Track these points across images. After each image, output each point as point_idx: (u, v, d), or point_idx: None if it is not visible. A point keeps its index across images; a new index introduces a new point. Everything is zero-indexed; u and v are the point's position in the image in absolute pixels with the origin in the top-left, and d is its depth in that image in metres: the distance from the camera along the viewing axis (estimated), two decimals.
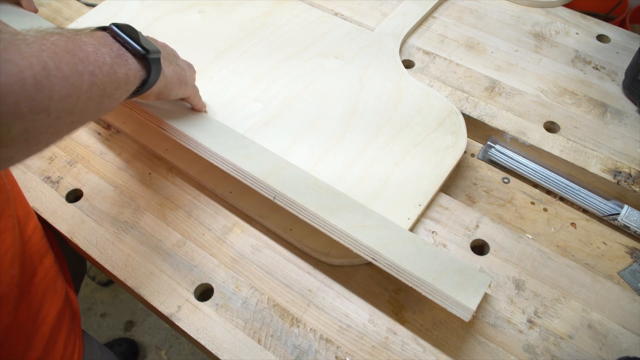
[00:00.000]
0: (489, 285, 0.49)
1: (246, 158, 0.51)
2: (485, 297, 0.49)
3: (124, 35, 0.41)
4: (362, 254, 0.45)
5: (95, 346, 0.63)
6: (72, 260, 0.66)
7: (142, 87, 0.43)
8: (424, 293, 0.43)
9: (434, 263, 0.44)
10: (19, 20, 0.63)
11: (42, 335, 0.49)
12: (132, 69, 0.40)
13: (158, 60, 0.44)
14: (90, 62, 0.36)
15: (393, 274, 0.44)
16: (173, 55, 0.51)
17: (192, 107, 0.55)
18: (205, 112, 0.58)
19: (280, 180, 0.49)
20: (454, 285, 0.42)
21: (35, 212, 0.55)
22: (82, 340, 0.57)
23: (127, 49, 0.41)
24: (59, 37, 0.34)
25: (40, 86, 0.31)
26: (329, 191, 0.50)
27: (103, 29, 0.41)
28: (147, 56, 0.41)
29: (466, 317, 0.41)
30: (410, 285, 0.43)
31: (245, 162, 0.50)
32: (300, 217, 0.47)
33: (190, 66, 0.54)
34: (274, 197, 0.48)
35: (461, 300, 0.41)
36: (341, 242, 0.46)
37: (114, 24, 0.41)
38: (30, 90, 0.30)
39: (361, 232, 0.46)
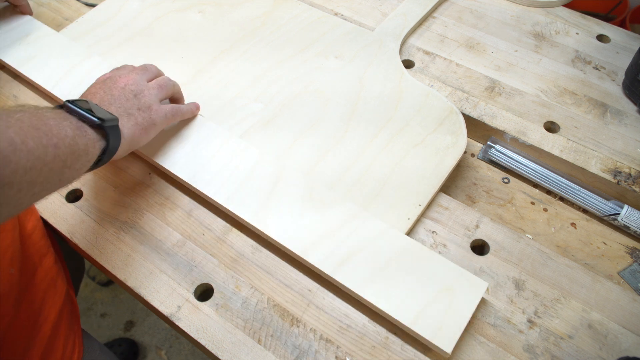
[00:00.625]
0: (487, 290, 0.49)
1: (234, 195, 0.52)
2: (485, 297, 0.49)
3: (79, 109, 0.43)
4: (349, 292, 0.47)
5: (95, 346, 0.63)
6: (71, 260, 0.67)
7: (104, 157, 0.45)
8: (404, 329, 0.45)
9: (424, 283, 0.46)
10: (15, 34, 0.64)
11: (43, 334, 0.50)
12: (92, 139, 0.42)
13: (115, 127, 0.46)
14: (53, 135, 0.38)
15: (376, 310, 0.46)
16: (133, 96, 0.50)
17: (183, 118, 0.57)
18: (198, 113, 0.58)
19: (265, 218, 0.51)
20: (437, 319, 0.44)
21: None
22: (82, 339, 0.57)
23: (84, 121, 0.42)
24: (22, 114, 0.37)
25: (7, 161, 0.33)
26: (324, 203, 0.51)
27: (60, 107, 0.43)
28: (103, 125, 0.43)
29: (444, 355, 0.44)
30: (389, 315, 0.45)
31: (232, 203, 0.52)
32: (286, 248, 0.49)
33: (162, 87, 0.53)
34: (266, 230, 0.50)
35: (437, 342, 0.43)
36: (324, 274, 0.48)
37: (68, 100, 0.43)
38: None
39: (347, 265, 0.47)
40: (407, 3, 0.75)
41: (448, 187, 0.58)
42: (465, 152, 0.58)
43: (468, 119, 0.62)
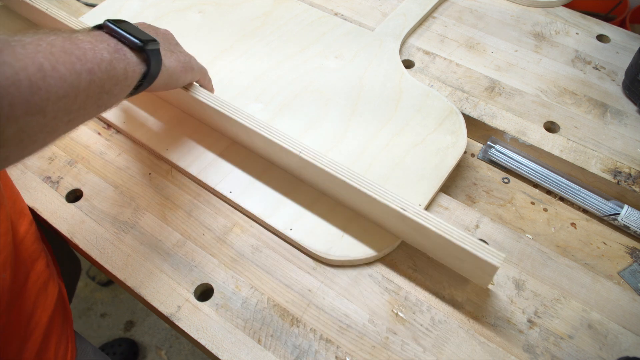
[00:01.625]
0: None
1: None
2: (486, 297, 0.49)
3: (119, 30, 0.40)
4: (391, 205, 0.45)
5: (88, 349, 0.62)
6: (69, 262, 0.66)
7: (144, 82, 0.43)
8: (452, 240, 0.43)
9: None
10: None
11: (35, 339, 0.49)
12: (131, 63, 0.40)
13: (157, 51, 0.43)
14: (88, 60, 0.35)
15: (421, 222, 0.44)
16: (175, 43, 0.51)
17: (204, 87, 0.55)
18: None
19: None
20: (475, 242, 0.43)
21: (35, 212, 0.55)
22: (75, 343, 0.57)
23: (124, 43, 0.40)
24: (55, 37, 0.34)
25: (36, 88, 0.31)
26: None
27: (99, 27, 0.41)
28: (144, 48, 0.41)
29: (498, 261, 0.42)
30: (437, 232, 0.43)
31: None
32: (327, 170, 0.48)
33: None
34: (300, 152, 0.49)
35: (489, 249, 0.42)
36: (368, 192, 0.46)
37: (108, 20, 0.41)
38: (25, 93, 0.30)
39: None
40: (407, 3, 0.75)
41: (448, 187, 0.58)
42: (465, 152, 0.58)
43: (468, 119, 0.62)
